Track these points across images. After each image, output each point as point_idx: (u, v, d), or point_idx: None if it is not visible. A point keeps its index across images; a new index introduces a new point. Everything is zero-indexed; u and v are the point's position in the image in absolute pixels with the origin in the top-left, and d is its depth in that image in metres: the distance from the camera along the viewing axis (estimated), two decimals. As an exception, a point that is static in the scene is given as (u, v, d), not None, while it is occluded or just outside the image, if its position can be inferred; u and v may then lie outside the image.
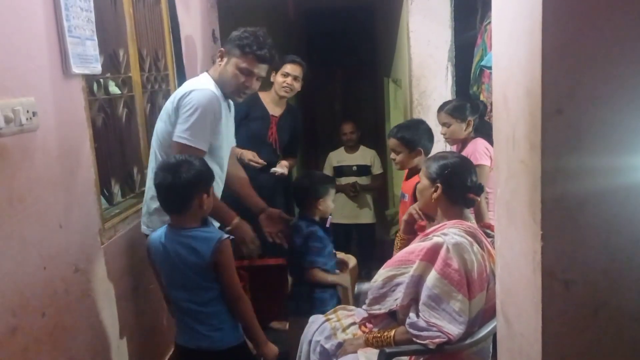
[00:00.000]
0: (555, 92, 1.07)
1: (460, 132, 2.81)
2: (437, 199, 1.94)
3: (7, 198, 1.58)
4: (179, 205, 1.91)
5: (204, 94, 2.14)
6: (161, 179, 1.89)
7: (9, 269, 1.58)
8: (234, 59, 2.23)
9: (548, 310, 1.15)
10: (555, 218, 1.11)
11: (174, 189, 1.88)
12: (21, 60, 1.68)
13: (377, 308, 1.91)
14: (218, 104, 2.18)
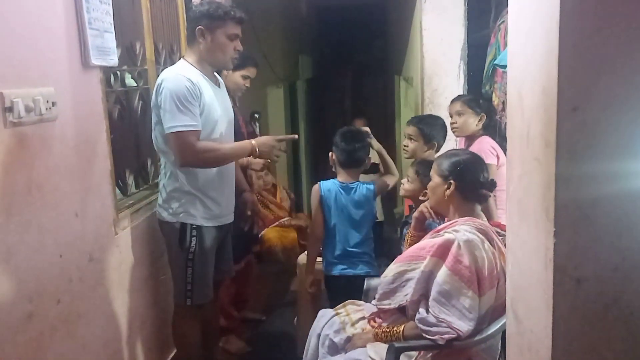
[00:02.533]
0: (571, 90, 1.08)
1: (472, 124, 2.79)
2: (449, 196, 1.95)
3: (26, 186, 1.61)
4: (360, 165, 2.63)
5: (170, 79, 2.16)
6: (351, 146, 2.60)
7: (27, 255, 1.61)
8: (219, 30, 2.24)
9: (559, 307, 1.16)
10: (569, 215, 1.12)
11: (359, 152, 2.59)
12: (42, 50, 1.71)
13: (386, 303, 1.92)
14: (187, 81, 2.16)
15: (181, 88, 2.13)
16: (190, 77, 2.18)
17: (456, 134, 2.87)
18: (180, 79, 2.16)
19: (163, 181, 2.30)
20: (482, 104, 2.88)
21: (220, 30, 2.24)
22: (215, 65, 2.35)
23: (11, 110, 1.53)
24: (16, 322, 1.55)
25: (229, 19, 2.24)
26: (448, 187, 1.96)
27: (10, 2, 1.57)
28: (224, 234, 2.43)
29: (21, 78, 1.60)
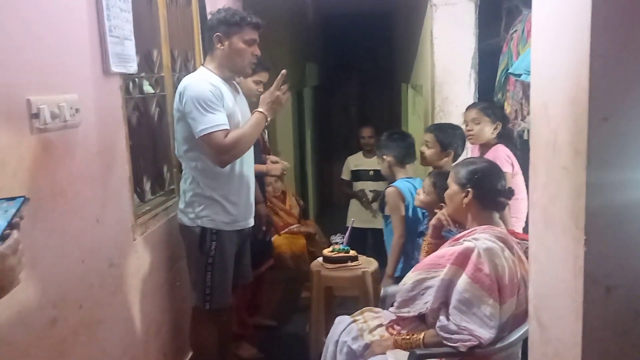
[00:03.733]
0: (602, 100, 1.09)
1: (487, 132, 2.79)
2: (467, 204, 1.95)
3: (50, 192, 1.62)
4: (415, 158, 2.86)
5: (192, 85, 2.20)
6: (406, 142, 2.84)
7: (50, 261, 1.62)
8: (236, 36, 2.27)
9: (589, 315, 1.16)
10: (599, 223, 1.13)
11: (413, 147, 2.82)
12: (65, 57, 1.73)
13: (406, 311, 1.92)
14: (209, 85, 2.21)
15: (204, 91, 2.17)
16: (212, 82, 2.22)
17: (471, 141, 2.87)
18: (203, 84, 2.20)
19: (183, 186, 2.32)
20: (496, 112, 2.88)
21: (238, 36, 2.27)
22: (234, 71, 2.37)
23: (37, 117, 1.55)
24: (40, 327, 1.56)
25: (245, 25, 2.27)
26: (466, 195, 1.97)
27: (37, 11, 1.58)
28: (244, 239, 2.44)
29: (46, 85, 1.62)
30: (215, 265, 2.28)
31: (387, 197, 2.75)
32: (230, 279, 2.35)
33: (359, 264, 2.98)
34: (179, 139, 2.29)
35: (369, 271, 2.91)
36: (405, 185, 2.76)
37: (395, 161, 2.85)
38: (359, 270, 2.92)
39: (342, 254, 3.00)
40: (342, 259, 2.99)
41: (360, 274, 2.90)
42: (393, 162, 2.85)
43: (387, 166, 2.87)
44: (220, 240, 2.29)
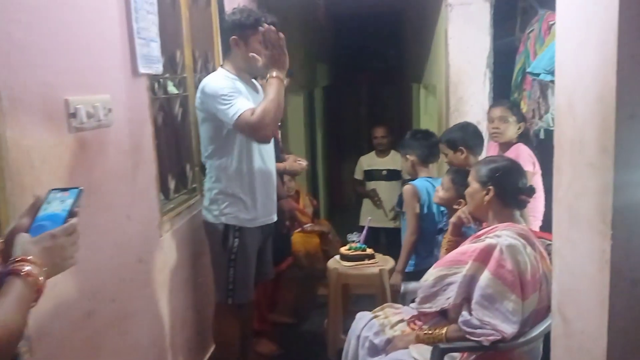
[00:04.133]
0: (629, 99, 1.13)
1: (512, 131, 2.81)
2: (488, 201, 1.99)
3: (86, 188, 1.64)
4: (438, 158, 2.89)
5: (209, 83, 2.26)
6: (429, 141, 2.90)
7: (86, 256, 1.65)
8: (252, 38, 2.31)
9: (614, 308, 1.20)
10: (625, 219, 1.16)
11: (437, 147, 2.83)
12: (99, 59, 1.78)
13: (427, 306, 1.96)
14: (227, 78, 2.28)
15: (221, 84, 2.23)
16: (236, 80, 2.30)
17: (495, 139, 2.87)
18: (218, 80, 2.27)
19: (208, 184, 2.37)
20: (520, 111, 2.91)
21: (254, 37, 2.31)
22: (252, 72, 2.42)
23: (75, 116, 1.60)
24: (77, 319, 1.61)
25: (260, 26, 2.29)
26: (487, 193, 2.01)
27: (73, 15, 1.64)
28: (266, 236, 2.49)
29: (82, 86, 1.67)
30: (238, 261, 2.34)
31: (403, 194, 2.80)
32: (252, 275, 2.40)
33: (375, 262, 3.02)
34: (204, 139, 2.34)
35: (386, 269, 2.95)
36: (423, 184, 2.80)
37: (419, 160, 2.90)
38: (376, 268, 2.96)
39: (359, 252, 3.05)
40: (359, 256, 3.03)
41: (377, 271, 2.94)
42: (416, 162, 2.90)
43: (410, 165, 2.92)
44: (243, 237, 2.34)
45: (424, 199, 2.76)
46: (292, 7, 5.14)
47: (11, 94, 1.35)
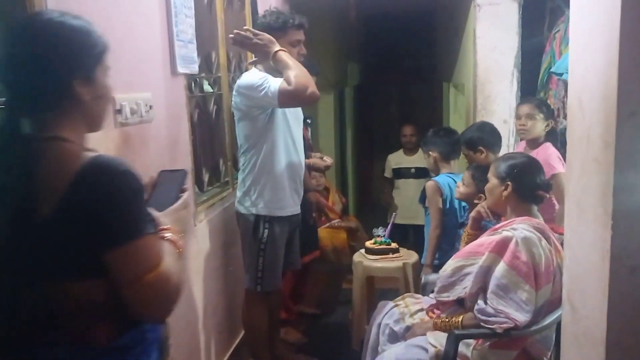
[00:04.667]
0: (629, 97, 1.21)
1: (539, 129, 2.84)
2: (507, 197, 2.07)
3: (129, 179, 1.83)
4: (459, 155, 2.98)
5: (244, 78, 2.41)
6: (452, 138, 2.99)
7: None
8: (281, 40, 2.41)
9: (614, 293, 1.28)
10: (625, 209, 1.24)
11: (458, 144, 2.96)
12: (142, 60, 1.94)
13: (445, 295, 2.06)
14: (255, 72, 2.41)
15: (252, 78, 2.37)
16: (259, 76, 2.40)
17: (522, 136, 2.91)
18: (249, 75, 2.42)
19: (241, 177, 2.51)
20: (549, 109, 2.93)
21: (283, 39, 2.42)
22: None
23: (120, 112, 1.75)
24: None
25: (289, 27, 2.42)
26: (505, 188, 2.08)
27: (120, 19, 1.79)
28: (294, 227, 2.62)
29: (127, 84, 1.82)
30: (267, 250, 2.47)
31: (426, 190, 2.89)
32: (280, 264, 2.53)
33: (399, 256, 3.12)
34: (240, 137, 2.48)
35: (410, 262, 3.04)
36: (445, 180, 2.89)
37: (441, 157, 2.99)
38: (400, 262, 3.06)
39: (383, 246, 3.15)
40: (384, 250, 3.13)
41: (401, 265, 3.03)
42: (439, 158, 2.99)
43: (432, 162, 3.01)
44: (272, 228, 2.47)
45: (446, 194, 2.84)
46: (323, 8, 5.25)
47: (65, 91, 1.50)
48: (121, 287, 1.06)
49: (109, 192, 1.04)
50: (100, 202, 1.03)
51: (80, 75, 1.11)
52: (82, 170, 1.03)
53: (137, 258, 1.06)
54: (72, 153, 1.07)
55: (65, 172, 1.03)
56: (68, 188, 1.02)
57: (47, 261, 1.05)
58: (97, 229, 1.03)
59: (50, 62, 1.07)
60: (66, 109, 1.11)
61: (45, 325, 1.07)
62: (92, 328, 1.09)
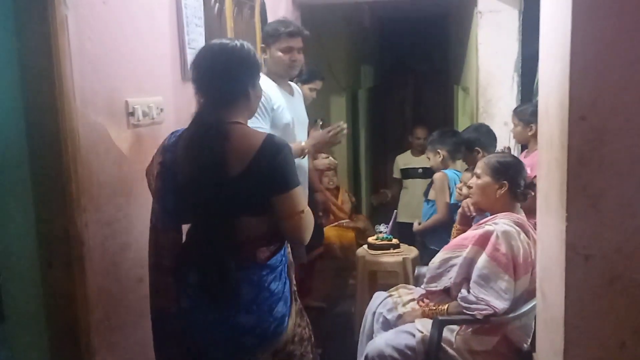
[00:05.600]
0: (579, 102, 1.35)
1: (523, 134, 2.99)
2: (501, 195, 2.19)
3: (141, 176, 2.00)
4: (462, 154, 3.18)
5: None
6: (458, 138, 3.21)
7: (140, 231, 2.00)
8: (273, 46, 2.65)
9: (570, 280, 1.42)
10: (578, 203, 1.38)
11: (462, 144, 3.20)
12: (154, 67, 2.12)
13: (433, 285, 2.20)
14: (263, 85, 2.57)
15: None
16: (272, 87, 2.59)
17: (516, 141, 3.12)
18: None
19: None
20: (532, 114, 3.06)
21: (275, 45, 2.64)
22: (279, 75, 2.71)
23: (133, 115, 1.94)
24: (131, 282, 1.95)
25: (280, 35, 2.62)
26: (500, 187, 2.20)
27: (133, 28, 1.97)
28: None
29: (139, 89, 2.01)
30: None
31: (435, 181, 3.04)
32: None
33: (400, 251, 3.27)
34: None
35: (410, 257, 3.19)
36: (452, 175, 3.04)
37: (449, 155, 3.17)
38: (400, 257, 3.21)
39: (385, 242, 3.30)
40: (385, 246, 3.28)
41: (401, 259, 3.19)
42: (447, 156, 3.15)
43: (440, 160, 3.16)
44: None
45: (452, 188, 2.99)
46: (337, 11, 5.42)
47: (83, 96, 1.69)
48: (283, 220, 1.63)
49: (280, 157, 1.60)
50: (275, 164, 1.59)
51: (251, 82, 1.71)
52: (263, 143, 1.60)
53: (294, 200, 1.63)
54: (252, 132, 1.67)
55: (252, 144, 1.60)
56: (254, 154, 1.58)
57: (237, 203, 1.61)
58: (272, 181, 1.60)
59: (238, 74, 1.67)
60: (241, 104, 1.69)
61: (232, 247, 1.61)
62: (257, 251, 1.64)
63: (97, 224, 1.76)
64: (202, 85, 1.67)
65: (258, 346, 1.66)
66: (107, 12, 1.81)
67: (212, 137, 1.60)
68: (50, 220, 1.65)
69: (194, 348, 1.69)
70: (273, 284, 1.67)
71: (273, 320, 1.66)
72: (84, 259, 1.68)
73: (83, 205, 1.68)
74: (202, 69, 1.66)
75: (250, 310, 1.63)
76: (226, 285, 1.60)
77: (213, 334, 1.66)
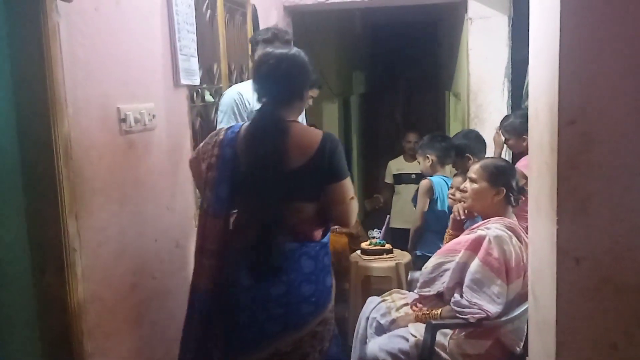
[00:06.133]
0: (569, 107, 1.36)
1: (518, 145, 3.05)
2: (498, 201, 2.20)
3: (133, 182, 2.01)
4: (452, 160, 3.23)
5: (226, 93, 2.64)
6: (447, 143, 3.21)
7: (132, 238, 2.00)
8: (256, 53, 2.59)
9: (561, 281, 1.43)
10: (568, 206, 1.39)
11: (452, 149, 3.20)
12: (146, 74, 2.12)
13: (426, 290, 2.21)
14: (237, 94, 2.57)
15: (229, 99, 2.57)
16: (243, 91, 2.57)
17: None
18: (232, 92, 2.60)
19: None
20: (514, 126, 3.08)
21: (258, 52, 2.54)
22: None
23: (125, 121, 1.94)
24: (124, 289, 1.94)
25: (259, 41, 2.62)
26: (497, 193, 2.21)
27: (125, 36, 1.98)
28: None
29: (131, 95, 2.01)
30: None
31: (419, 187, 3.05)
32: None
33: (393, 256, 3.28)
34: None
35: (402, 262, 3.20)
36: (439, 182, 3.05)
37: (438, 160, 3.17)
38: (393, 262, 3.22)
39: (378, 247, 3.31)
40: (378, 251, 3.29)
41: (394, 265, 3.19)
42: (436, 161, 3.16)
43: (429, 165, 3.17)
44: None
45: (437, 194, 3.00)
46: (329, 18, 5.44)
47: (75, 103, 1.69)
48: (333, 206, 1.88)
49: (337, 152, 1.85)
50: (332, 158, 1.83)
51: (307, 86, 1.98)
52: (323, 139, 1.84)
53: (345, 188, 1.88)
54: (310, 129, 1.95)
55: (313, 141, 1.84)
56: (316, 150, 1.82)
57: (295, 191, 1.84)
58: (329, 173, 1.84)
59: (298, 79, 1.93)
60: (296, 105, 1.95)
61: (291, 228, 1.85)
62: (313, 230, 1.90)
63: (90, 230, 1.76)
64: (264, 87, 1.91)
65: (313, 313, 1.87)
66: (99, 19, 1.82)
67: (276, 134, 1.83)
68: (43, 227, 1.64)
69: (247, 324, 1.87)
70: (326, 258, 1.94)
71: (324, 289, 1.91)
72: (77, 265, 1.68)
73: (76, 211, 1.68)
74: (264, 73, 1.90)
75: (310, 280, 1.86)
76: (289, 261, 1.83)
77: (274, 306, 1.85)
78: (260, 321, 1.85)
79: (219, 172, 1.88)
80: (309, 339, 1.87)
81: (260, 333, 1.86)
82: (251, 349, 1.87)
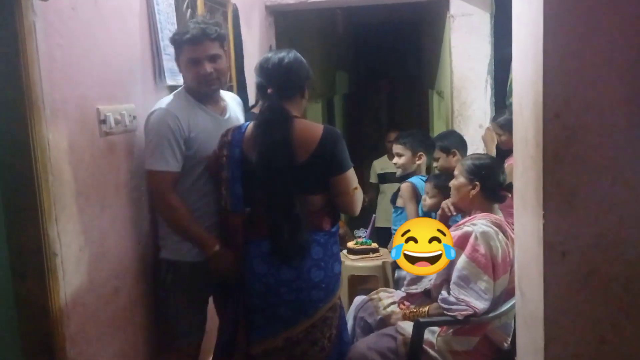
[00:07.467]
0: (554, 101, 1.36)
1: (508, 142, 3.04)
2: (474, 195, 2.21)
3: (115, 185, 1.98)
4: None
5: (152, 115, 2.08)
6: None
7: (115, 241, 1.97)
8: (180, 58, 2.14)
9: (548, 276, 1.43)
10: (554, 200, 1.39)
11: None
12: (125, 74, 2.08)
13: (414, 288, 2.21)
14: (173, 122, 2.04)
15: (163, 126, 2.04)
16: (178, 114, 2.06)
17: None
18: (166, 117, 2.05)
19: None
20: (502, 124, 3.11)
21: (182, 57, 2.14)
22: (197, 92, 2.16)
23: (105, 122, 1.90)
24: (107, 293, 1.91)
25: (180, 44, 2.11)
26: (473, 187, 2.23)
27: (105, 36, 1.94)
28: None
29: (111, 96, 1.97)
30: None
31: (402, 191, 3.04)
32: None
33: (379, 255, 3.27)
34: None
35: (389, 261, 3.18)
36: (419, 182, 3.04)
37: (413, 151, 3.13)
38: (380, 261, 3.21)
39: (364, 247, 3.30)
40: (365, 250, 3.28)
41: (381, 263, 3.18)
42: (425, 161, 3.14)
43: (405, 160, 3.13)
44: None
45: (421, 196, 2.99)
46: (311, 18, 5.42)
47: (53, 104, 1.65)
48: (338, 196, 2.01)
49: (338, 145, 1.97)
50: (334, 151, 1.95)
51: (306, 83, 2.08)
52: (324, 133, 1.96)
53: (349, 179, 2.00)
54: (311, 124, 2.06)
55: (315, 135, 1.95)
56: (317, 143, 1.94)
57: (302, 184, 1.95)
58: (332, 165, 1.96)
59: (300, 76, 2.06)
60: (297, 101, 2.06)
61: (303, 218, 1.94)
62: (320, 221, 2.01)
63: (71, 234, 1.72)
64: (268, 84, 2.01)
65: (324, 299, 1.99)
66: (77, 19, 1.78)
67: (280, 132, 1.94)
68: (22, 232, 1.60)
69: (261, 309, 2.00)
70: (334, 246, 2.05)
71: (333, 276, 2.03)
72: (58, 270, 1.64)
73: (55, 215, 1.64)
74: (266, 71, 2.02)
75: (319, 266, 1.97)
76: (301, 248, 1.95)
77: (286, 292, 1.97)
78: (273, 307, 1.98)
79: (231, 172, 2.01)
80: (320, 324, 1.99)
81: (274, 319, 1.99)
82: (267, 335, 2.00)
